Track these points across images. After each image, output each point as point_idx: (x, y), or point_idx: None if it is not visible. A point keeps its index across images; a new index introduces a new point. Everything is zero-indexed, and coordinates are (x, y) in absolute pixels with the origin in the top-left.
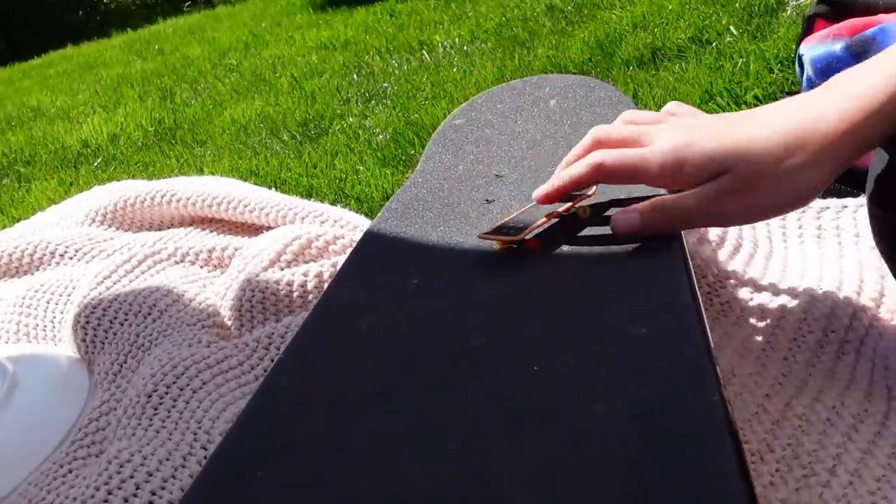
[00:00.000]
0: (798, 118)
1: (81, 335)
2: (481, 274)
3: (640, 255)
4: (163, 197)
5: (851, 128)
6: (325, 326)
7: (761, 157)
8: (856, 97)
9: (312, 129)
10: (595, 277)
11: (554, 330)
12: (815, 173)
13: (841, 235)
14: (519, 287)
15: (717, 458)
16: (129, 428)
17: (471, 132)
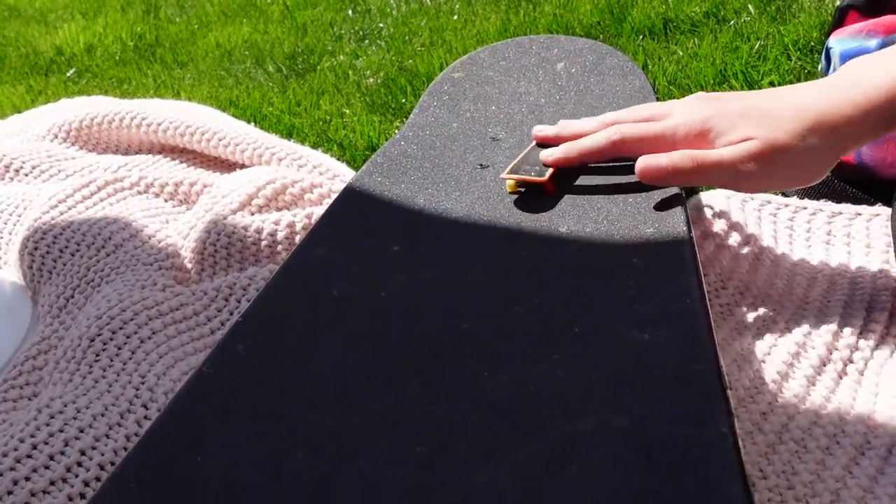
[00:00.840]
0: (818, 104)
1: (28, 262)
2: (469, 247)
3: (645, 244)
4: (132, 119)
5: (866, 116)
6: (291, 289)
7: (783, 133)
8: (874, 87)
9: (300, 64)
10: (596, 265)
11: (545, 322)
12: (827, 156)
13: (851, 244)
14: (510, 266)
15: None
16: (67, 373)
17: (470, 88)
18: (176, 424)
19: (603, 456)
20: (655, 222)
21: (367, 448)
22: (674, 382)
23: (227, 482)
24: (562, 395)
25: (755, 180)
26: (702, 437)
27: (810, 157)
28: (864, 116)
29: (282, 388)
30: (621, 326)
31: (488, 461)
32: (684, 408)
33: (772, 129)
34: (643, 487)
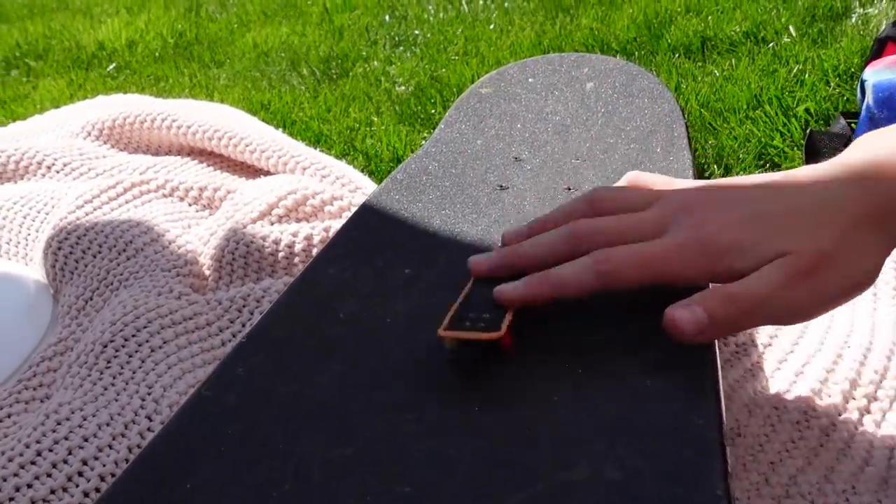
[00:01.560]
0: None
1: (52, 261)
2: None
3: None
4: (163, 120)
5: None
6: (298, 310)
7: (821, 239)
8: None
9: (334, 69)
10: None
11: (548, 361)
12: (873, 256)
13: (878, 289)
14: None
15: None
16: (78, 378)
17: (496, 104)
18: (168, 449)
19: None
20: None
21: (357, 483)
22: (671, 435)
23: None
24: (557, 440)
25: (808, 307)
26: (695, 499)
27: (859, 260)
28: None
29: (277, 415)
30: (625, 371)
31: None
32: (680, 464)
33: (808, 237)
34: None
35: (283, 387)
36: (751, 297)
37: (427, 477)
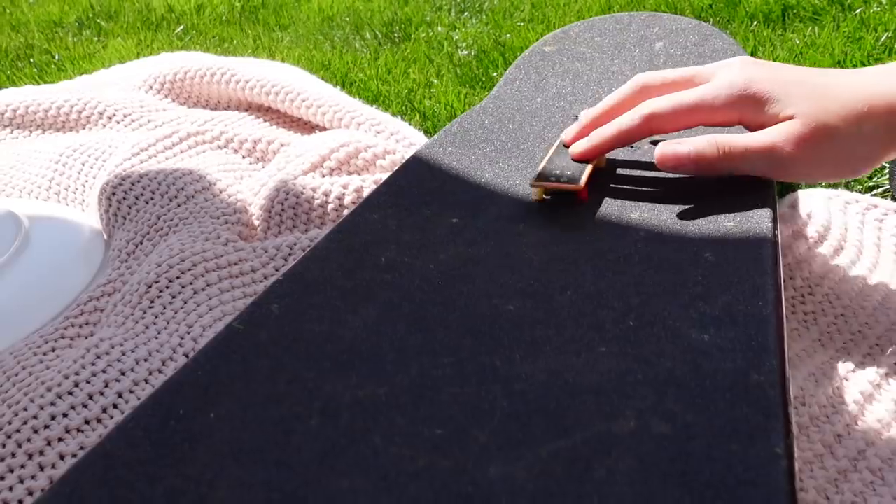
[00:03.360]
0: (878, 87)
1: (105, 206)
2: (531, 226)
3: (718, 240)
4: (223, 75)
5: None
6: (338, 253)
7: (832, 115)
8: None
9: (397, 33)
10: (662, 256)
11: (596, 312)
12: (875, 145)
13: None
14: (570, 250)
15: None
16: (122, 316)
17: (559, 62)
18: (193, 377)
19: (635, 462)
20: (737, 216)
21: (385, 424)
22: (728, 391)
23: (236, 441)
24: (601, 391)
25: (795, 168)
26: (750, 456)
27: (861, 146)
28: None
29: (308, 353)
30: (680, 324)
31: (507, 454)
32: (736, 420)
33: (820, 109)
34: (675, 502)
35: (317, 326)
36: (739, 146)
37: (460, 421)
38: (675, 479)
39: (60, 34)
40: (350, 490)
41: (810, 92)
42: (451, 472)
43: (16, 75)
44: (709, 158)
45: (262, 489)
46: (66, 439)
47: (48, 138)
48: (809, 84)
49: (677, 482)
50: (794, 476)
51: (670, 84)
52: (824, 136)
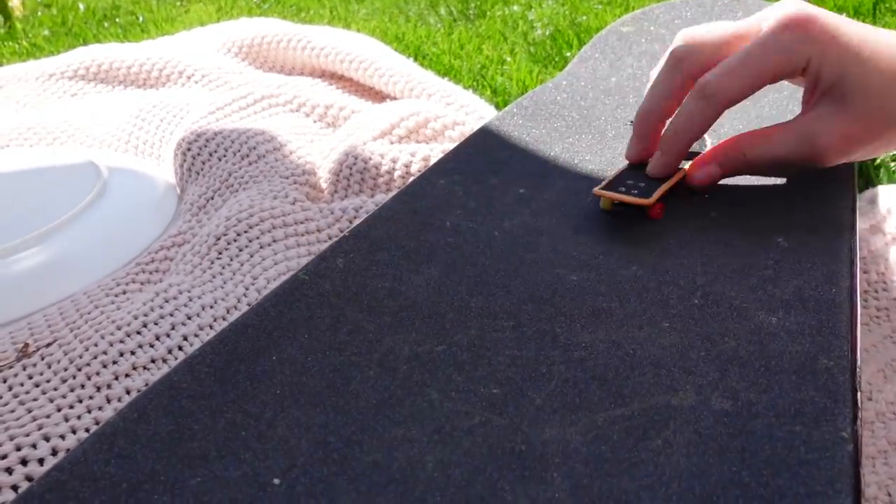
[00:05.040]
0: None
1: (180, 160)
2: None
3: (792, 226)
4: (299, 41)
5: None
6: (404, 214)
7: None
8: None
9: (472, 9)
10: (735, 238)
11: (662, 288)
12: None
13: None
14: (639, 227)
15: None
16: (190, 265)
17: (637, 43)
18: (259, 322)
19: (693, 436)
20: (815, 204)
21: (442, 379)
22: (795, 373)
23: (296, 384)
24: (663, 365)
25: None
26: (814, 437)
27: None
28: None
29: (371, 307)
30: (748, 305)
31: (563, 417)
32: (801, 402)
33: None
34: (731, 479)
35: (379, 282)
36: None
37: (517, 383)
38: (734, 454)
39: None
40: (405, 438)
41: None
42: (504, 429)
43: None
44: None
45: (319, 431)
46: (132, 375)
47: (129, 94)
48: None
49: (736, 458)
50: (859, 462)
51: (716, 46)
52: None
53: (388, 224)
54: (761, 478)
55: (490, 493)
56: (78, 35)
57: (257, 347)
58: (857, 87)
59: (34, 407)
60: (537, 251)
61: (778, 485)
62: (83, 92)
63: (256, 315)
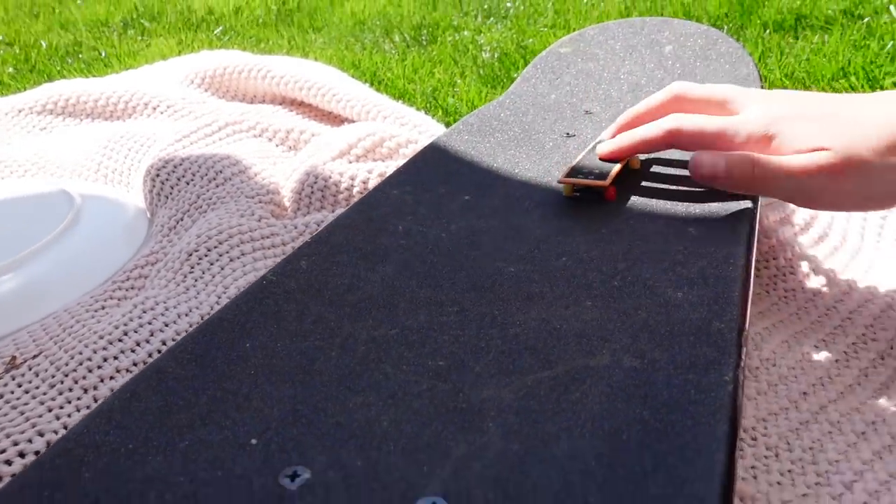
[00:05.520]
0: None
1: (150, 186)
2: (537, 203)
3: (702, 219)
4: (259, 71)
5: None
6: (360, 221)
7: (863, 146)
8: None
9: (424, 36)
10: (651, 230)
11: (587, 274)
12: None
13: None
14: (570, 225)
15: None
16: (164, 279)
17: (574, 63)
18: (232, 315)
19: (606, 388)
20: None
21: (395, 356)
22: (693, 335)
23: (267, 366)
24: (584, 335)
25: (822, 197)
26: (703, 383)
27: (885, 177)
28: None
29: (332, 300)
30: (659, 284)
31: (499, 381)
32: (695, 356)
33: (849, 142)
34: (634, 417)
35: (339, 280)
36: (773, 169)
37: (459, 356)
38: (638, 399)
39: (107, 33)
40: (363, 404)
41: (838, 126)
42: (448, 393)
43: (66, 69)
44: (741, 177)
45: (289, 402)
46: (116, 377)
47: (97, 126)
48: (841, 117)
49: (640, 402)
50: (738, 399)
51: (704, 101)
52: (855, 168)
53: (346, 230)
54: (659, 415)
55: (435, 442)
56: (42, 72)
57: (232, 337)
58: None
59: (26, 410)
60: (480, 249)
61: (671, 420)
62: (52, 126)
63: (230, 311)
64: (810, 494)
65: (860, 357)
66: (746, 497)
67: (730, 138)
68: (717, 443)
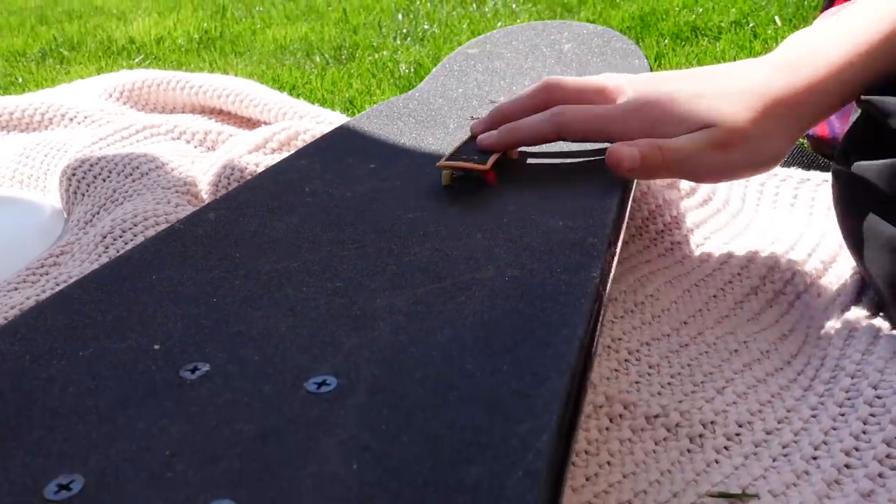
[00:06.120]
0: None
1: (66, 185)
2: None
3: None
4: (178, 82)
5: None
6: (269, 183)
7: (741, 117)
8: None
9: (344, 55)
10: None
11: (481, 217)
12: (782, 140)
13: (814, 207)
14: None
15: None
16: (79, 260)
17: (480, 62)
18: (139, 255)
19: (488, 292)
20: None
21: (296, 282)
22: (569, 248)
23: (174, 292)
24: (473, 257)
25: (717, 171)
26: (574, 280)
27: (770, 143)
28: (819, 95)
29: (237, 243)
30: (545, 220)
31: (392, 293)
32: (569, 263)
33: (730, 115)
34: (511, 309)
35: (246, 227)
36: (675, 152)
37: (357, 279)
38: (515, 298)
39: (24, 62)
40: (263, 316)
41: (715, 100)
42: (344, 304)
43: None
44: (653, 164)
45: (193, 318)
46: None
47: (12, 137)
48: (712, 93)
49: (519, 298)
50: (602, 291)
51: (579, 90)
52: (738, 138)
53: (254, 190)
54: (533, 306)
55: (330, 341)
56: None
57: (139, 271)
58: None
59: None
60: (383, 203)
61: (544, 307)
62: None
63: (137, 251)
64: (685, 400)
65: (735, 291)
66: (629, 404)
67: (618, 126)
68: (580, 317)
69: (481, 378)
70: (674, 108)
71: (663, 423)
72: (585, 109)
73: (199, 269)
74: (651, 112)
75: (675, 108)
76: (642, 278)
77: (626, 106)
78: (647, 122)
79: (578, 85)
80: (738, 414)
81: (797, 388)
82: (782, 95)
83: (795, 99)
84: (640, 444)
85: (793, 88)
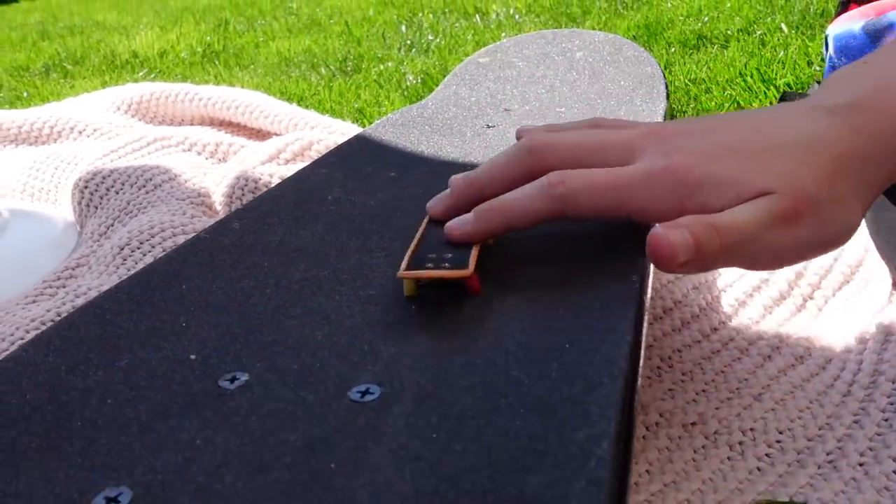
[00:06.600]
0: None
1: (78, 198)
2: None
3: None
4: (186, 94)
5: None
6: (291, 192)
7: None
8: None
9: (349, 66)
10: None
11: None
12: (856, 206)
13: None
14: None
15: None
16: (97, 272)
17: (492, 70)
18: (167, 266)
19: (528, 297)
20: None
21: (328, 290)
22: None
23: (204, 302)
24: None
25: (782, 254)
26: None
27: (842, 210)
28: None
29: (264, 252)
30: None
31: None
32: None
33: (791, 176)
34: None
35: (271, 237)
36: (737, 232)
37: (389, 285)
38: (559, 302)
39: (27, 77)
40: (298, 325)
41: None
42: (380, 312)
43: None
44: (710, 252)
45: (226, 327)
46: None
47: (21, 150)
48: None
49: (560, 303)
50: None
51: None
52: (808, 208)
53: (276, 200)
54: (577, 312)
55: (368, 350)
56: None
57: (167, 281)
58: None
59: None
60: (406, 210)
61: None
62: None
63: (165, 262)
64: (722, 407)
65: (763, 297)
66: (665, 412)
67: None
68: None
69: (530, 385)
70: (715, 169)
71: (701, 430)
72: (594, 176)
73: (228, 279)
74: (687, 176)
75: (718, 168)
76: (669, 283)
77: (652, 168)
78: (682, 189)
79: (576, 142)
80: (778, 421)
81: (835, 394)
82: (851, 152)
83: (865, 155)
84: (679, 452)
85: (860, 144)
